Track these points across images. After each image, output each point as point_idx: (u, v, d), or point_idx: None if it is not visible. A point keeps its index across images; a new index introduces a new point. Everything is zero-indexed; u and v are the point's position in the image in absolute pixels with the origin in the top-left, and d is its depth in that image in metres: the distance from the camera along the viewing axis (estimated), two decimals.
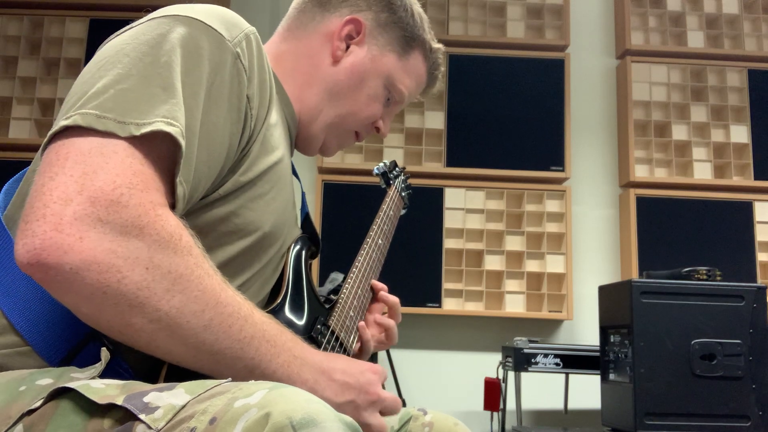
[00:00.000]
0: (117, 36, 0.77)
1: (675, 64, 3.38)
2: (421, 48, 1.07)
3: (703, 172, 3.29)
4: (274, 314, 0.89)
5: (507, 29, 3.38)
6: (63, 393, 0.64)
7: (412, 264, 3.12)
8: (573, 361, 2.71)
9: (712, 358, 2.20)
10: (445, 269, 3.15)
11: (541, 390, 3.08)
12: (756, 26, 3.44)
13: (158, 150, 0.68)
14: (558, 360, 2.69)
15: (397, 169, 1.38)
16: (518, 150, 3.27)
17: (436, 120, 3.29)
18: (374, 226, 1.18)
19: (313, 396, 0.60)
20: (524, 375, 2.76)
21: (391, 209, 1.26)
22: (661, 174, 3.30)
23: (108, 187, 0.63)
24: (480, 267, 3.18)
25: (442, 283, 3.13)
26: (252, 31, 0.83)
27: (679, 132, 3.33)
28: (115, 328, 0.65)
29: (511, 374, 2.77)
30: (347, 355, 0.93)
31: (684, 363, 2.20)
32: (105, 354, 0.69)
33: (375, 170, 1.34)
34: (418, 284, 3.10)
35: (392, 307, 1.14)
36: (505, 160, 3.26)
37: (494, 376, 2.86)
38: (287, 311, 0.92)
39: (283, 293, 0.93)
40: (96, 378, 0.67)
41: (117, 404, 0.61)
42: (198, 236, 0.70)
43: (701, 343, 2.21)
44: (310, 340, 0.91)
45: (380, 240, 1.17)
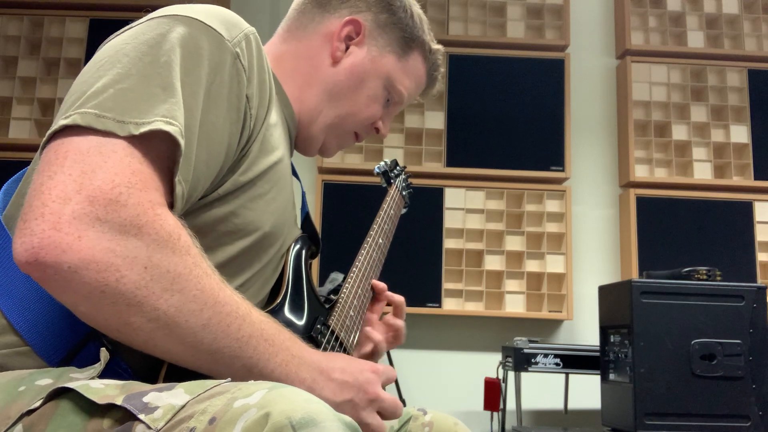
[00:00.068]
0: (117, 36, 0.77)
1: (675, 64, 3.37)
2: (421, 49, 1.07)
3: (703, 172, 3.29)
4: (274, 314, 0.89)
5: (507, 29, 3.38)
6: (62, 393, 0.64)
7: (412, 264, 3.12)
8: (573, 361, 2.70)
9: (712, 358, 2.20)
10: (445, 269, 3.15)
11: (541, 390, 3.08)
12: (756, 26, 3.44)
13: (157, 149, 0.68)
14: (558, 360, 2.69)
15: (398, 168, 1.38)
16: (518, 150, 3.27)
17: (436, 120, 3.29)
18: (375, 226, 1.18)
19: (313, 396, 0.60)
20: (524, 375, 2.76)
21: (392, 208, 1.26)
22: (661, 174, 3.30)
23: (107, 186, 0.63)
24: (480, 267, 3.18)
25: (442, 283, 3.13)
26: (252, 32, 0.83)
27: (679, 132, 3.33)
28: (114, 327, 0.65)
29: (511, 374, 2.76)
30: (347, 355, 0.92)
31: (684, 363, 2.20)
32: (104, 354, 0.69)
33: (376, 169, 1.34)
34: (418, 284, 3.10)
35: (398, 307, 1.13)
36: (505, 160, 3.26)
37: (494, 376, 2.86)
38: (287, 311, 0.92)
39: (283, 293, 0.93)
40: (95, 378, 0.67)
41: (116, 404, 0.61)
42: (197, 236, 0.70)
43: (701, 343, 2.21)
44: (310, 340, 0.91)
45: (381, 239, 1.17)
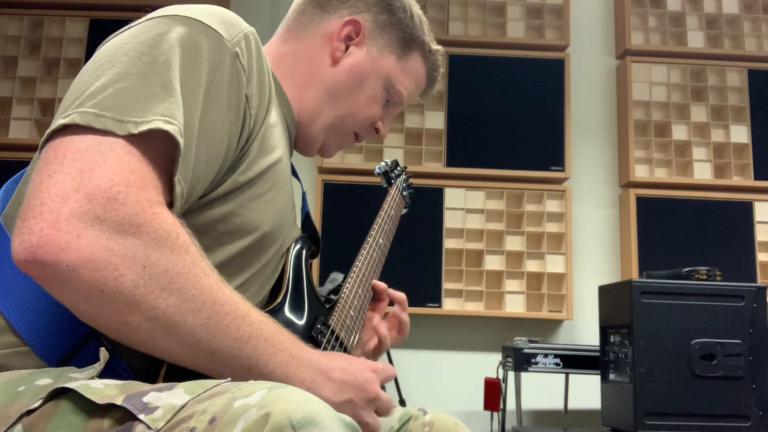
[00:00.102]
0: (116, 36, 0.77)
1: (675, 64, 3.37)
2: (420, 49, 1.07)
3: (703, 172, 3.29)
4: (275, 313, 0.89)
5: (507, 29, 3.38)
6: (62, 393, 0.63)
7: (412, 264, 3.12)
8: (573, 361, 2.70)
9: (712, 358, 2.20)
10: (445, 269, 3.15)
11: (541, 390, 3.08)
12: (756, 26, 3.44)
13: (156, 148, 0.68)
14: (558, 360, 2.68)
15: (399, 169, 1.38)
16: (518, 150, 3.27)
17: (436, 120, 3.29)
18: (375, 226, 1.18)
19: (313, 396, 0.60)
20: (524, 375, 2.76)
21: (392, 209, 1.26)
22: (661, 174, 3.30)
23: (105, 185, 0.63)
24: (480, 267, 3.18)
25: (442, 283, 3.13)
26: (251, 32, 0.83)
27: (679, 132, 3.33)
28: (112, 327, 0.65)
29: (511, 374, 2.76)
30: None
31: (684, 363, 2.20)
32: (104, 354, 0.69)
33: (376, 169, 1.34)
34: (418, 284, 3.10)
35: (401, 304, 1.14)
36: (505, 160, 3.26)
37: (494, 376, 2.86)
38: (287, 311, 0.92)
39: (283, 293, 0.93)
40: (95, 378, 0.67)
41: (116, 404, 0.60)
42: (197, 236, 0.70)
43: (701, 343, 2.21)
44: (310, 340, 0.91)
45: (381, 239, 1.17)
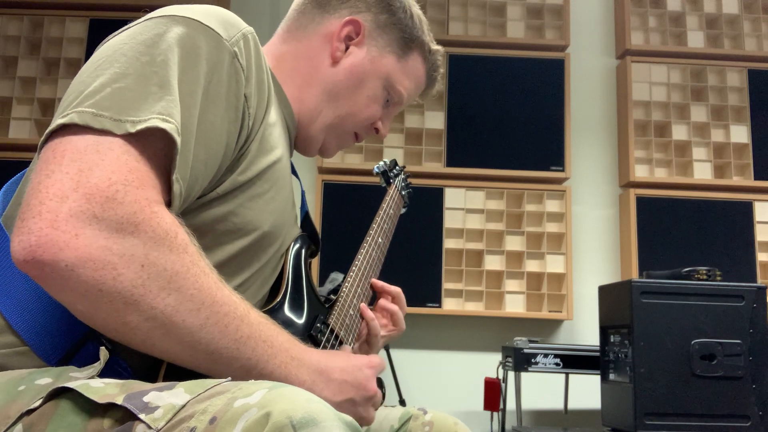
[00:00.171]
0: (115, 36, 0.77)
1: (675, 64, 3.37)
2: (420, 49, 1.07)
3: (703, 172, 3.29)
4: (274, 313, 0.89)
5: (507, 29, 3.38)
6: (62, 392, 0.63)
7: (412, 264, 3.12)
8: (573, 361, 2.70)
9: (712, 358, 2.20)
10: (445, 269, 3.15)
11: (541, 390, 3.08)
12: (756, 26, 3.44)
13: (154, 147, 0.68)
14: (558, 360, 2.68)
15: (398, 168, 1.38)
16: (518, 150, 3.26)
17: (436, 120, 3.29)
18: (374, 225, 1.18)
19: (314, 395, 0.60)
20: (524, 375, 2.76)
21: (392, 208, 1.26)
22: (661, 174, 3.30)
23: (103, 184, 0.63)
24: (480, 267, 3.18)
25: (442, 283, 3.13)
26: (250, 31, 0.83)
27: (679, 132, 3.33)
28: (111, 326, 0.65)
29: (511, 374, 2.76)
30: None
31: (684, 363, 2.20)
32: (104, 353, 0.69)
33: (375, 169, 1.34)
34: (418, 284, 3.10)
35: (396, 297, 1.14)
36: (505, 160, 3.26)
37: (494, 376, 2.86)
38: (287, 310, 0.92)
39: (283, 292, 0.93)
40: (95, 377, 0.67)
41: (117, 404, 0.60)
42: (196, 235, 0.70)
43: (701, 343, 2.21)
44: (310, 339, 0.91)
45: (380, 239, 1.17)
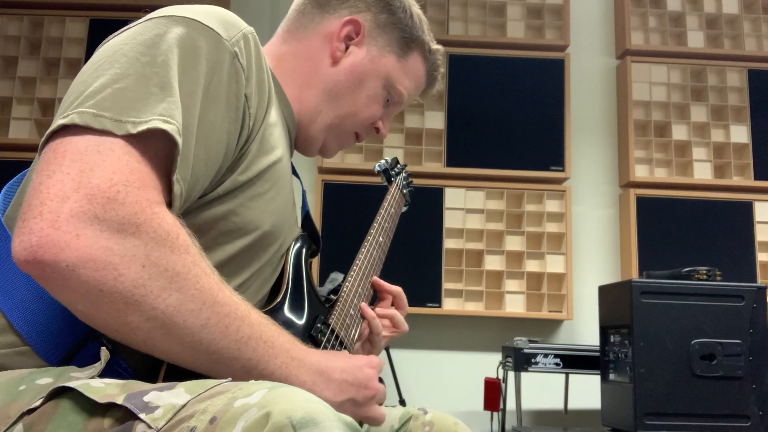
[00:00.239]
0: (115, 36, 0.77)
1: (675, 64, 3.37)
2: (420, 49, 1.07)
3: (703, 172, 3.29)
4: (274, 313, 0.89)
5: (507, 29, 3.38)
6: (63, 392, 0.63)
7: (412, 264, 3.12)
8: (573, 361, 2.70)
9: (712, 358, 2.20)
10: (445, 269, 3.15)
11: (541, 390, 3.08)
12: (756, 26, 3.44)
13: (155, 148, 0.68)
14: (558, 360, 2.68)
15: (399, 167, 1.37)
16: (518, 150, 3.27)
17: (436, 120, 3.29)
18: (375, 224, 1.18)
19: (313, 396, 0.60)
20: (524, 375, 2.76)
21: (393, 207, 1.26)
22: (661, 174, 3.30)
23: (105, 185, 0.63)
24: (480, 267, 3.18)
25: (442, 283, 3.13)
26: (250, 31, 0.83)
27: (679, 132, 3.33)
28: (112, 327, 0.65)
29: (511, 374, 2.76)
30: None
31: (684, 363, 2.20)
32: (104, 353, 0.69)
33: (376, 167, 1.34)
34: (418, 284, 3.10)
35: (397, 297, 1.13)
36: (505, 160, 3.26)
37: (494, 376, 2.86)
38: (287, 310, 0.92)
39: (283, 292, 0.93)
40: (96, 377, 0.67)
41: (117, 403, 0.60)
42: (197, 235, 0.70)
43: (701, 343, 2.21)
44: (310, 339, 0.91)
45: (381, 238, 1.17)
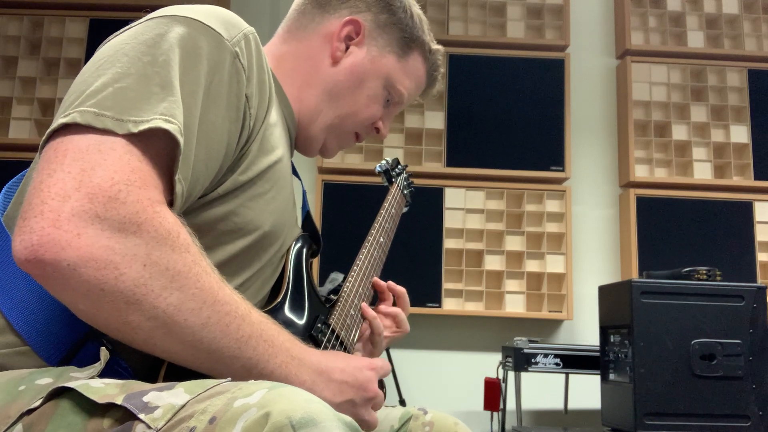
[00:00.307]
0: (116, 36, 0.77)
1: (675, 64, 3.37)
2: (421, 49, 1.07)
3: (703, 172, 3.29)
4: (275, 313, 0.89)
5: (507, 29, 3.38)
6: (62, 392, 0.63)
7: (412, 264, 3.12)
8: (573, 361, 2.70)
9: (712, 358, 2.20)
10: (445, 269, 3.15)
11: (541, 390, 3.08)
12: (756, 26, 3.44)
13: (156, 147, 0.68)
14: (558, 360, 2.68)
15: (399, 167, 1.37)
16: (518, 150, 3.27)
17: (436, 120, 3.29)
18: (376, 224, 1.18)
19: (313, 396, 0.60)
20: (524, 375, 2.76)
21: (393, 207, 1.26)
22: (661, 174, 3.30)
23: (106, 184, 0.63)
24: (480, 267, 3.18)
25: (442, 283, 3.13)
26: (251, 31, 0.83)
27: (679, 132, 3.33)
28: (113, 326, 0.65)
29: (511, 374, 2.76)
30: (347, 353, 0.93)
31: (684, 363, 2.20)
32: (104, 353, 0.69)
33: (377, 168, 1.34)
34: (418, 284, 3.10)
35: (400, 297, 1.14)
36: (505, 160, 3.26)
37: (494, 376, 2.86)
38: (287, 310, 0.92)
39: (284, 292, 0.93)
40: (95, 377, 0.67)
41: (116, 404, 0.60)
42: (197, 235, 0.70)
43: (701, 343, 2.21)
44: (310, 339, 0.91)
45: (382, 238, 1.17)
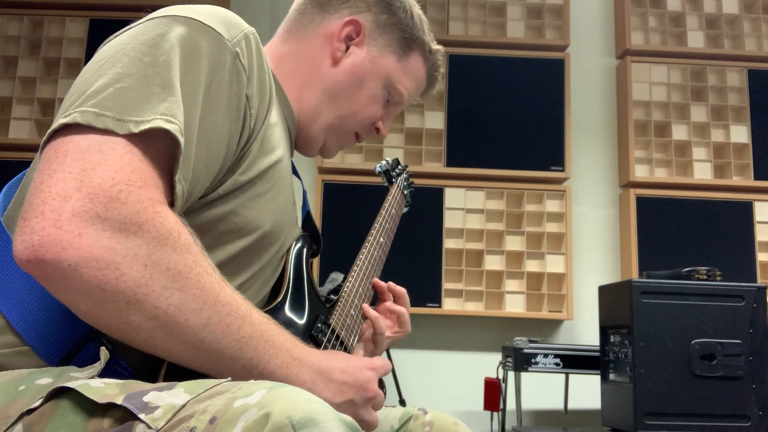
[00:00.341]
0: (116, 36, 0.77)
1: (675, 64, 3.37)
2: (421, 49, 1.07)
3: (703, 172, 3.29)
4: (275, 313, 0.89)
5: (507, 29, 3.38)
6: (62, 392, 0.63)
7: (412, 264, 3.12)
8: (573, 361, 2.70)
9: (712, 358, 2.20)
10: (445, 269, 3.15)
11: (541, 390, 3.08)
12: (756, 26, 3.44)
13: (157, 147, 0.68)
14: (558, 360, 2.68)
15: (399, 167, 1.38)
16: (518, 150, 3.27)
17: (436, 120, 3.29)
18: (376, 225, 1.18)
19: (313, 396, 0.60)
20: (524, 375, 2.76)
21: (393, 207, 1.26)
22: (661, 174, 3.30)
23: (107, 184, 0.63)
24: (480, 267, 3.18)
25: (442, 283, 3.13)
26: (251, 32, 0.83)
27: (679, 132, 3.33)
28: (114, 326, 0.64)
29: (511, 374, 2.76)
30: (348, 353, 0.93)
31: (684, 363, 2.20)
32: (104, 353, 0.69)
33: (377, 168, 1.34)
34: (418, 284, 3.10)
35: (400, 297, 1.14)
36: (505, 160, 3.26)
37: (494, 376, 2.86)
38: (288, 310, 0.92)
39: (284, 292, 0.93)
40: (95, 377, 0.67)
41: (117, 404, 0.60)
42: (198, 235, 0.70)
43: (701, 343, 2.21)
44: (311, 339, 0.91)
45: (382, 238, 1.17)
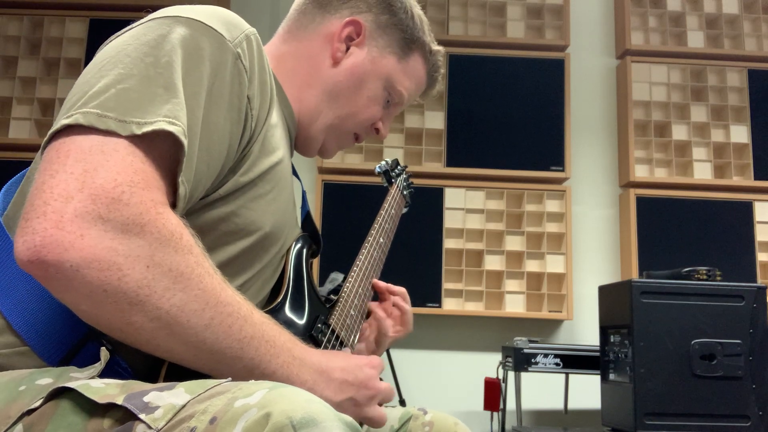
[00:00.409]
0: (118, 37, 0.77)
1: (675, 64, 3.38)
2: (421, 50, 1.07)
3: (703, 172, 3.29)
4: (275, 313, 0.90)
5: (507, 29, 3.38)
6: (63, 393, 0.63)
7: (412, 264, 3.12)
8: (573, 361, 2.70)
9: (712, 358, 2.20)
10: (445, 269, 3.15)
11: (541, 390, 3.08)
12: (756, 26, 3.44)
13: (159, 149, 0.68)
14: (558, 360, 2.69)
15: (399, 168, 1.38)
16: (518, 150, 3.27)
17: (436, 120, 3.29)
18: (376, 225, 1.18)
19: (314, 396, 0.60)
20: (524, 375, 2.76)
21: (393, 208, 1.26)
22: (661, 174, 3.30)
23: (109, 185, 0.63)
24: (480, 267, 3.18)
25: (442, 283, 3.13)
26: (252, 32, 0.83)
27: (679, 132, 3.33)
28: (116, 327, 0.65)
29: (511, 374, 2.76)
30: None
31: (684, 363, 2.20)
32: (104, 353, 0.69)
33: (377, 168, 1.34)
34: (418, 284, 3.10)
35: (401, 297, 1.15)
36: (505, 160, 3.26)
37: (494, 376, 2.86)
38: (288, 310, 0.92)
39: (284, 292, 0.93)
40: (95, 377, 0.67)
41: (117, 404, 0.60)
42: (199, 236, 0.70)
43: (701, 343, 2.21)
44: (311, 339, 0.91)
45: (381, 239, 1.17)
